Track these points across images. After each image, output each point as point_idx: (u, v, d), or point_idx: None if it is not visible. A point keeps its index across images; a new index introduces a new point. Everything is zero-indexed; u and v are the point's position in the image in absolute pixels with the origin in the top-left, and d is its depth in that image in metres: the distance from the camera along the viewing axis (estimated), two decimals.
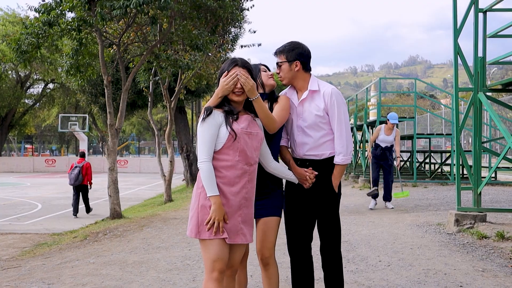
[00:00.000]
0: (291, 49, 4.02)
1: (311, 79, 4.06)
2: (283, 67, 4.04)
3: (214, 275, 3.35)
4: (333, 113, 3.96)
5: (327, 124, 3.99)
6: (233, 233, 3.44)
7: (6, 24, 41.27)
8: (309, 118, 3.99)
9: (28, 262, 8.06)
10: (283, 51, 4.05)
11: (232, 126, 3.44)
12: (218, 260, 3.36)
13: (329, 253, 4.06)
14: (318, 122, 3.97)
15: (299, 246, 4.07)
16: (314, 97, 4.01)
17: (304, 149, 4.01)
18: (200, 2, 11.94)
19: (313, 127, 3.98)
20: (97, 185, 27.31)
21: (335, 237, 4.06)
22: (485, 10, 8.49)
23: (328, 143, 4.00)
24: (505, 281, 5.38)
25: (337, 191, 4.05)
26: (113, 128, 12.02)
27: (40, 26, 10.89)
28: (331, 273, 4.08)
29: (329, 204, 4.02)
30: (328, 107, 3.96)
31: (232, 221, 3.43)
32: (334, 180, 3.99)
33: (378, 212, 11.21)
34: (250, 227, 3.57)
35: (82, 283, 5.79)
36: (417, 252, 6.82)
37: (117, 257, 7.33)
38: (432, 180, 19.45)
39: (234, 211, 3.44)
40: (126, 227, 10.51)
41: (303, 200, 4.01)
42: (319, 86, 4.03)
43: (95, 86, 22.62)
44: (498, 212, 9.35)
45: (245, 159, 3.46)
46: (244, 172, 3.47)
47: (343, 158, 3.96)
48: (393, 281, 5.44)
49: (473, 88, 8.42)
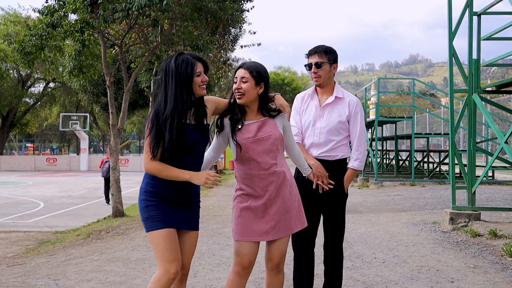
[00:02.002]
0: (332, 51, 4.18)
1: (336, 85, 4.25)
2: (324, 66, 4.15)
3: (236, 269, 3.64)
4: (355, 121, 4.19)
5: (346, 130, 4.20)
6: (264, 233, 3.61)
7: (7, 23, 41.50)
8: (330, 122, 4.16)
9: (32, 259, 8.23)
10: (325, 52, 4.15)
11: (238, 137, 3.56)
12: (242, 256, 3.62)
13: (332, 249, 4.27)
14: (338, 128, 4.16)
15: (305, 243, 4.25)
16: (338, 103, 4.19)
17: (319, 150, 4.18)
18: (200, 4, 12.12)
19: (332, 131, 4.16)
20: (97, 184, 27.55)
21: (340, 234, 4.28)
22: (480, 13, 8.68)
23: (343, 147, 4.21)
24: (494, 277, 5.58)
25: (346, 192, 4.27)
26: (115, 128, 12.22)
27: (44, 28, 11.09)
28: (332, 268, 4.28)
29: (337, 203, 4.22)
30: (352, 115, 4.18)
31: (262, 222, 3.60)
32: (346, 182, 4.22)
33: (375, 211, 11.40)
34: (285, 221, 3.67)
35: (87, 279, 5.98)
36: (412, 249, 7.03)
37: (120, 254, 7.52)
38: (430, 180, 19.65)
39: (261, 212, 3.61)
40: (129, 225, 10.70)
41: (312, 197, 4.17)
42: (343, 94, 4.23)
43: (96, 86, 22.85)
44: (492, 211, 9.56)
45: (257, 166, 3.57)
46: (262, 178, 3.58)
47: (360, 164, 4.23)
48: (387, 277, 5.64)
49: (468, 89, 8.62)
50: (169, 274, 3.26)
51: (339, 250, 4.31)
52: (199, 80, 3.40)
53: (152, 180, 3.38)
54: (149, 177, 3.40)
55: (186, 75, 3.31)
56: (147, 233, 3.37)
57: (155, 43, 13.08)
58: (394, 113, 43.43)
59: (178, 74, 3.30)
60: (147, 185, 3.40)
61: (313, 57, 4.17)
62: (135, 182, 26.46)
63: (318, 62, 4.14)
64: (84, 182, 29.16)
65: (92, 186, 25.76)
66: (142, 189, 3.42)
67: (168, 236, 3.29)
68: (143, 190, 3.41)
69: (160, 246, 3.27)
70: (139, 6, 9.70)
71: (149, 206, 3.35)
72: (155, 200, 3.35)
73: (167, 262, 3.26)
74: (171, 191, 3.38)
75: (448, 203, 11.66)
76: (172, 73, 3.31)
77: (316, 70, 4.15)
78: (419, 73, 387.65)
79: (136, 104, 25.33)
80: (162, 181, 3.35)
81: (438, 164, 21.30)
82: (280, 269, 3.75)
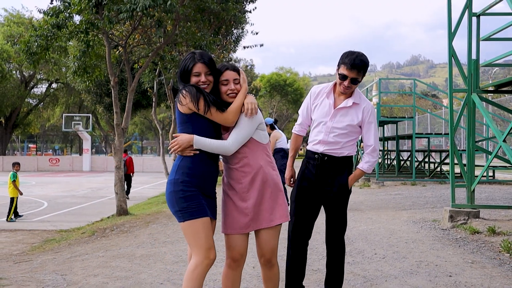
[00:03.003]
0: (367, 65, 4.15)
1: (356, 89, 4.29)
2: (358, 82, 4.17)
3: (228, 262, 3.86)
4: (369, 128, 4.28)
5: (356, 133, 4.30)
6: (245, 225, 3.79)
7: (10, 24, 41.69)
8: (343, 125, 4.24)
9: (38, 256, 8.37)
10: (365, 70, 4.14)
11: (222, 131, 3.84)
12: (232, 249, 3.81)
13: (334, 243, 4.40)
14: (348, 131, 4.25)
15: (302, 234, 4.39)
16: (353, 107, 4.25)
17: (326, 147, 4.28)
18: (204, 5, 12.27)
19: (343, 133, 4.25)
20: (100, 183, 27.72)
21: (341, 228, 4.40)
22: (479, 14, 8.82)
23: (350, 146, 4.31)
24: (492, 271, 5.71)
25: (350, 189, 4.38)
26: (120, 128, 12.36)
27: (49, 29, 11.23)
28: (334, 262, 4.42)
29: (341, 198, 4.32)
30: (365, 122, 4.26)
31: (242, 215, 3.78)
32: (351, 180, 4.31)
33: (376, 209, 11.52)
34: (264, 214, 3.82)
35: (94, 274, 6.12)
36: (411, 246, 7.16)
37: (125, 251, 7.65)
38: (430, 179, 19.76)
39: (240, 205, 3.79)
40: (133, 223, 10.84)
41: (315, 191, 4.31)
42: (361, 99, 4.29)
43: (99, 86, 22.99)
44: (491, 209, 9.70)
45: (231, 159, 3.81)
46: (237, 170, 3.82)
47: (369, 167, 4.33)
48: (387, 271, 5.77)
49: (467, 89, 8.75)
50: (208, 260, 3.48)
51: (341, 244, 4.43)
52: (195, 80, 3.66)
53: (188, 170, 3.54)
54: (185, 167, 3.56)
55: (181, 72, 3.73)
56: (182, 223, 3.51)
57: (158, 44, 13.23)
58: (395, 113, 43.48)
59: (180, 69, 3.77)
60: (183, 175, 3.54)
61: (351, 72, 4.09)
62: (137, 182, 26.59)
63: (355, 79, 4.13)
64: (87, 182, 29.31)
65: (95, 186, 25.92)
66: (178, 180, 3.54)
67: (207, 224, 3.51)
68: (178, 181, 3.53)
69: (200, 234, 3.46)
70: (143, 7, 9.84)
71: (186, 196, 3.50)
72: (193, 190, 3.51)
73: (206, 248, 3.47)
74: (206, 180, 3.60)
75: (448, 202, 11.77)
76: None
77: (351, 85, 4.16)
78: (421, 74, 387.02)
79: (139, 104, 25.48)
80: (199, 171, 3.56)
81: (438, 164, 21.41)
82: (273, 263, 3.89)
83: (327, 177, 4.28)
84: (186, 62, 3.68)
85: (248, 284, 5.39)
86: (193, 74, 3.62)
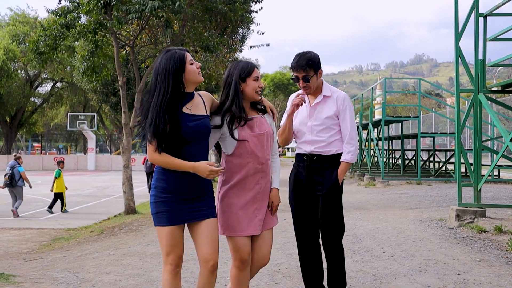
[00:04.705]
0: (314, 60, 4.22)
1: (323, 84, 4.37)
2: (312, 79, 4.22)
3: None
4: (344, 116, 4.31)
5: (337, 125, 4.33)
6: (254, 226, 3.77)
7: (16, 24, 41.85)
8: (321, 120, 4.31)
9: (48, 254, 8.44)
10: (310, 65, 4.19)
11: (241, 132, 3.73)
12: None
13: (330, 245, 4.32)
14: (329, 125, 4.31)
15: (307, 236, 4.40)
16: (326, 101, 4.34)
17: (313, 146, 4.33)
18: (211, 6, 12.34)
19: (323, 128, 4.31)
20: (106, 183, 27.82)
21: (337, 230, 4.32)
22: (486, 14, 8.86)
23: (336, 142, 4.33)
24: (500, 270, 5.78)
25: (340, 184, 4.33)
26: (128, 127, 12.44)
27: (58, 29, 11.32)
28: (332, 265, 4.35)
29: (333, 198, 4.29)
30: (340, 111, 4.31)
31: (249, 214, 3.77)
32: (340, 174, 4.30)
33: (382, 209, 11.59)
34: (268, 215, 3.89)
35: (106, 272, 6.19)
36: (419, 244, 7.22)
37: (135, 249, 7.74)
38: (436, 178, 19.80)
39: (250, 205, 3.78)
40: (141, 221, 10.92)
41: (308, 192, 4.34)
42: (331, 91, 4.37)
43: (106, 86, 23.08)
44: (497, 208, 9.78)
45: (256, 159, 3.77)
46: (257, 171, 3.79)
47: (352, 157, 4.31)
48: (396, 269, 5.84)
49: (474, 89, 8.81)
50: (166, 266, 3.51)
51: (339, 248, 4.34)
52: (194, 67, 3.52)
53: (163, 175, 3.49)
54: (159, 172, 3.52)
55: (176, 68, 3.42)
56: (155, 227, 3.59)
57: (164, 44, 13.31)
58: (399, 112, 43.49)
59: (167, 69, 3.41)
60: (157, 180, 3.51)
61: (298, 72, 4.22)
62: (142, 181, 26.69)
63: (306, 77, 4.21)
64: (92, 181, 29.43)
65: (101, 185, 26.03)
66: (153, 185, 3.54)
67: (170, 232, 3.48)
68: (153, 186, 3.54)
69: (163, 241, 3.51)
70: (152, 8, 9.92)
71: (157, 202, 3.50)
72: (165, 197, 3.48)
73: (165, 254, 3.51)
74: (182, 184, 3.48)
75: (454, 201, 11.83)
76: (162, 70, 3.42)
77: (305, 84, 4.25)
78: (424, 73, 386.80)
79: None
80: (172, 175, 3.47)
81: (444, 163, 21.45)
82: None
83: (318, 176, 4.30)
84: (173, 60, 3.44)
85: (259, 282, 5.46)
86: (189, 63, 3.50)
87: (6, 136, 48.21)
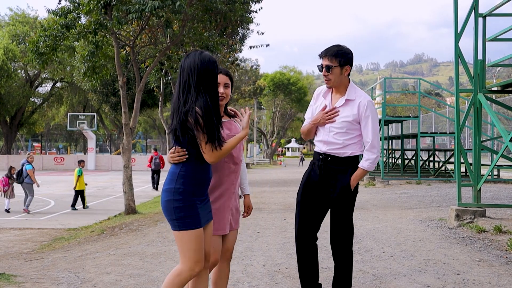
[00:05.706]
0: (345, 53, 4.13)
1: (349, 85, 4.26)
2: (334, 70, 4.12)
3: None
4: (366, 123, 4.17)
5: (355, 130, 4.21)
6: (226, 224, 3.89)
7: (16, 24, 41.87)
8: (339, 123, 4.20)
9: (49, 254, 8.44)
10: (336, 55, 4.10)
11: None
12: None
13: (340, 248, 4.29)
14: (347, 129, 4.19)
15: (307, 235, 4.36)
16: (348, 104, 4.21)
17: (328, 146, 4.25)
18: (211, 6, 12.35)
19: (341, 131, 4.21)
20: (106, 182, 27.84)
21: (347, 233, 4.28)
22: (485, 15, 8.89)
23: (352, 145, 4.23)
24: (499, 269, 5.80)
25: (352, 190, 4.25)
26: (128, 127, 12.46)
27: (58, 29, 11.33)
28: (340, 267, 4.34)
29: (344, 201, 4.23)
30: (362, 117, 4.17)
31: (225, 213, 3.87)
32: (354, 180, 4.20)
33: (382, 208, 11.61)
34: (238, 216, 4.05)
35: (107, 272, 6.21)
36: (419, 244, 7.25)
37: (136, 249, 7.75)
38: (435, 178, 19.82)
39: (227, 205, 3.88)
40: (141, 222, 10.94)
41: (319, 192, 4.28)
42: (356, 95, 4.23)
43: (106, 86, 23.11)
44: (497, 208, 9.80)
45: (231, 160, 3.87)
46: (232, 171, 3.89)
47: (370, 164, 4.20)
48: (396, 269, 5.86)
49: (473, 89, 8.83)
50: (193, 272, 3.46)
51: (348, 249, 4.31)
52: None
53: (192, 179, 3.46)
54: (187, 177, 3.46)
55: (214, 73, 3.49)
56: (176, 231, 3.48)
57: (164, 44, 13.32)
58: (399, 112, 43.52)
59: (215, 74, 3.50)
60: (184, 184, 3.44)
61: (324, 60, 4.14)
62: (142, 181, 26.73)
63: (328, 66, 4.11)
64: (92, 181, 29.38)
65: (101, 185, 26.05)
66: (178, 189, 3.45)
67: (198, 236, 3.46)
68: (178, 191, 3.44)
69: (191, 246, 3.43)
70: (152, 8, 9.93)
71: (186, 206, 3.43)
72: (192, 201, 3.45)
73: (194, 261, 3.44)
74: (205, 186, 3.55)
75: (453, 201, 11.85)
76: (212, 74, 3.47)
77: (326, 74, 4.16)
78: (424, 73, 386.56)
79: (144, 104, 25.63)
80: (201, 179, 3.50)
81: (443, 163, 21.47)
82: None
83: (331, 178, 4.23)
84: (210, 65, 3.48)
85: (259, 282, 5.47)
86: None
87: (6, 136, 48.21)
